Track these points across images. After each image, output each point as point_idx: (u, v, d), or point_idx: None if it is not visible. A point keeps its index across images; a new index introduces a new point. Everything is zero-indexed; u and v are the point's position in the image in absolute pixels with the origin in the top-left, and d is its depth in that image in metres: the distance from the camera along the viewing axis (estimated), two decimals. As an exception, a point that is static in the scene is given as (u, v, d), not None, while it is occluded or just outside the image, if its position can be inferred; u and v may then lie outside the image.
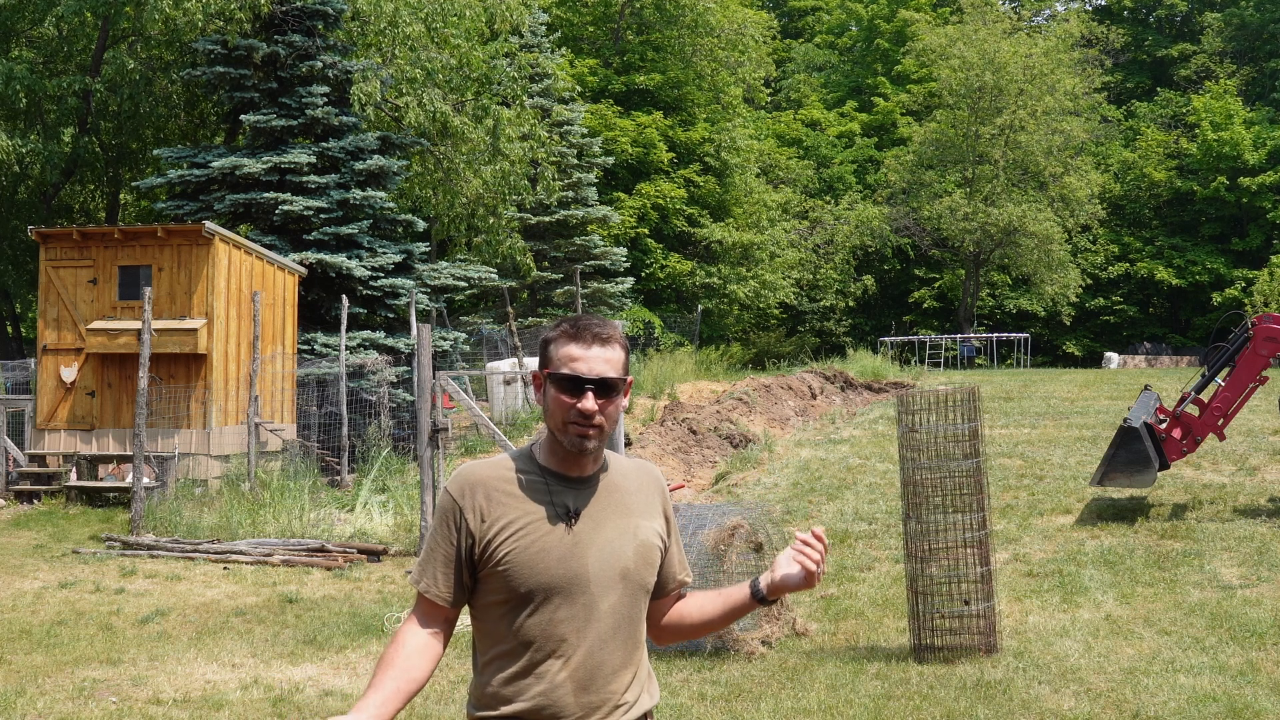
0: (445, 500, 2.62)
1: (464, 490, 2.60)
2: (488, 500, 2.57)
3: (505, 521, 2.55)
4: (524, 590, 2.53)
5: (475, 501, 2.58)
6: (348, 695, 7.06)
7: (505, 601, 2.55)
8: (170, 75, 23.30)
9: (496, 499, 2.57)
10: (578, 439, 2.56)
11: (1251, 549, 9.95)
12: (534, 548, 2.54)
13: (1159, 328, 47.47)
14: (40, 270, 16.58)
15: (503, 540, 2.54)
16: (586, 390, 2.54)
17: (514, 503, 2.57)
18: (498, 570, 2.54)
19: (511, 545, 2.54)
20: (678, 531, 2.80)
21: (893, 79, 50.69)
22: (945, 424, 7.51)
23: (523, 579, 2.53)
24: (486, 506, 2.57)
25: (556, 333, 2.63)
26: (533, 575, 2.53)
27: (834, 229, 44.20)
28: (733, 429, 17.14)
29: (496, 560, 2.54)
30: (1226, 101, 45.30)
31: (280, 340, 17.85)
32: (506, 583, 2.54)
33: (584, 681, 2.54)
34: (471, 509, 2.57)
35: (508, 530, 2.55)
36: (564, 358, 2.57)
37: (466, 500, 2.58)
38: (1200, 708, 6.28)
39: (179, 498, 14.03)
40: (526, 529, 2.55)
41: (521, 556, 2.53)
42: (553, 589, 2.54)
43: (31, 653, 8.21)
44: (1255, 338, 11.01)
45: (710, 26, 39.46)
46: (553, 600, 2.54)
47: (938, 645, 7.40)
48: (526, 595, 2.54)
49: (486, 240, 25.12)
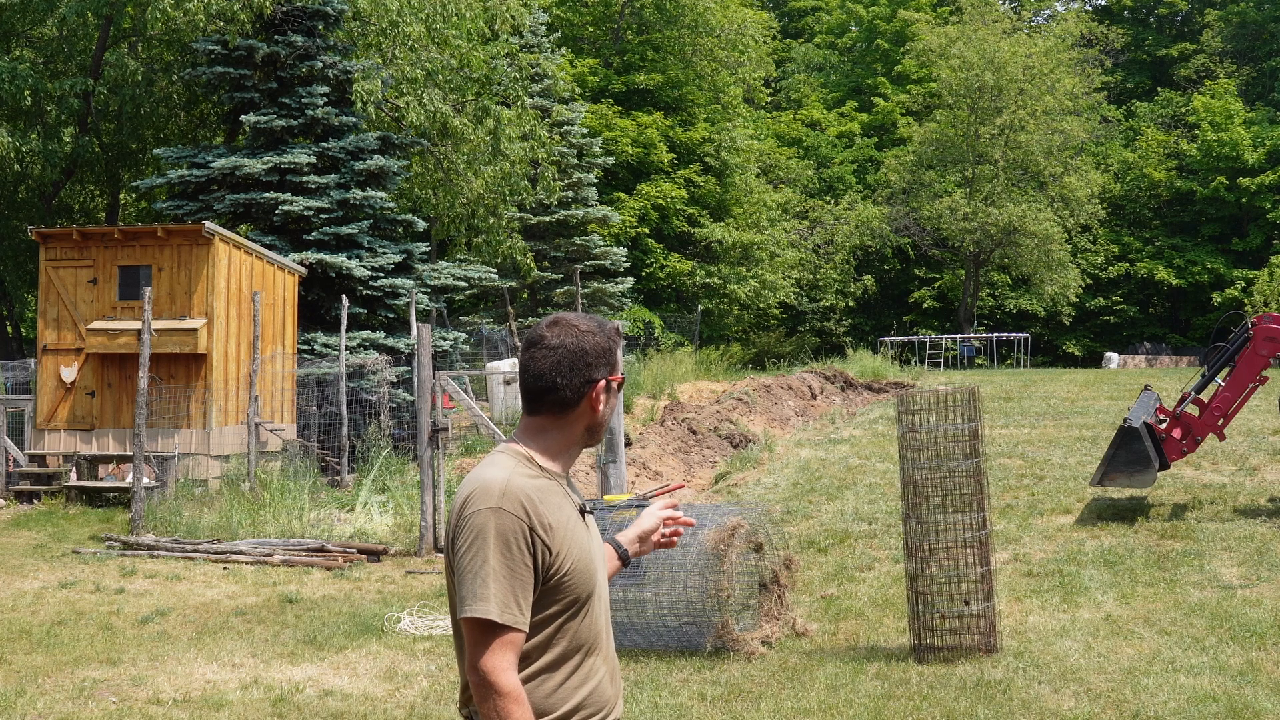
0: (509, 522, 2.44)
1: (524, 507, 2.47)
2: (542, 512, 2.49)
3: (564, 532, 2.51)
4: (583, 595, 2.52)
5: (540, 518, 2.48)
6: (348, 695, 7.06)
7: (564, 610, 2.51)
8: (171, 75, 23.30)
9: (548, 509, 2.50)
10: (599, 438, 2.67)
11: (1251, 549, 9.95)
12: (584, 553, 2.55)
13: (1159, 328, 47.46)
14: (40, 270, 16.58)
15: (565, 550, 2.50)
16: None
17: (557, 510, 2.52)
18: (563, 581, 2.49)
19: (572, 554, 2.51)
20: None
21: (893, 79, 50.67)
22: (945, 424, 7.51)
23: (582, 584, 2.52)
24: (546, 519, 2.49)
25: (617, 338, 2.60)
26: (588, 579, 2.54)
27: (834, 229, 44.18)
28: (733, 429, 17.14)
29: (563, 571, 2.49)
30: (1226, 101, 45.28)
31: (280, 340, 17.85)
32: (569, 591, 2.50)
33: (613, 671, 2.61)
34: (541, 526, 2.48)
35: (566, 540, 2.51)
36: (618, 364, 2.60)
37: (533, 518, 2.47)
38: (1200, 708, 6.28)
39: (179, 498, 14.03)
40: (574, 535, 2.53)
41: (579, 563, 2.52)
42: (596, 588, 2.57)
43: (31, 653, 8.21)
44: (1255, 338, 11.01)
45: (710, 26, 39.45)
46: (593, 600, 2.56)
47: (938, 645, 7.40)
48: (583, 599, 2.53)
49: (486, 240, 25.11)
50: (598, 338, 2.56)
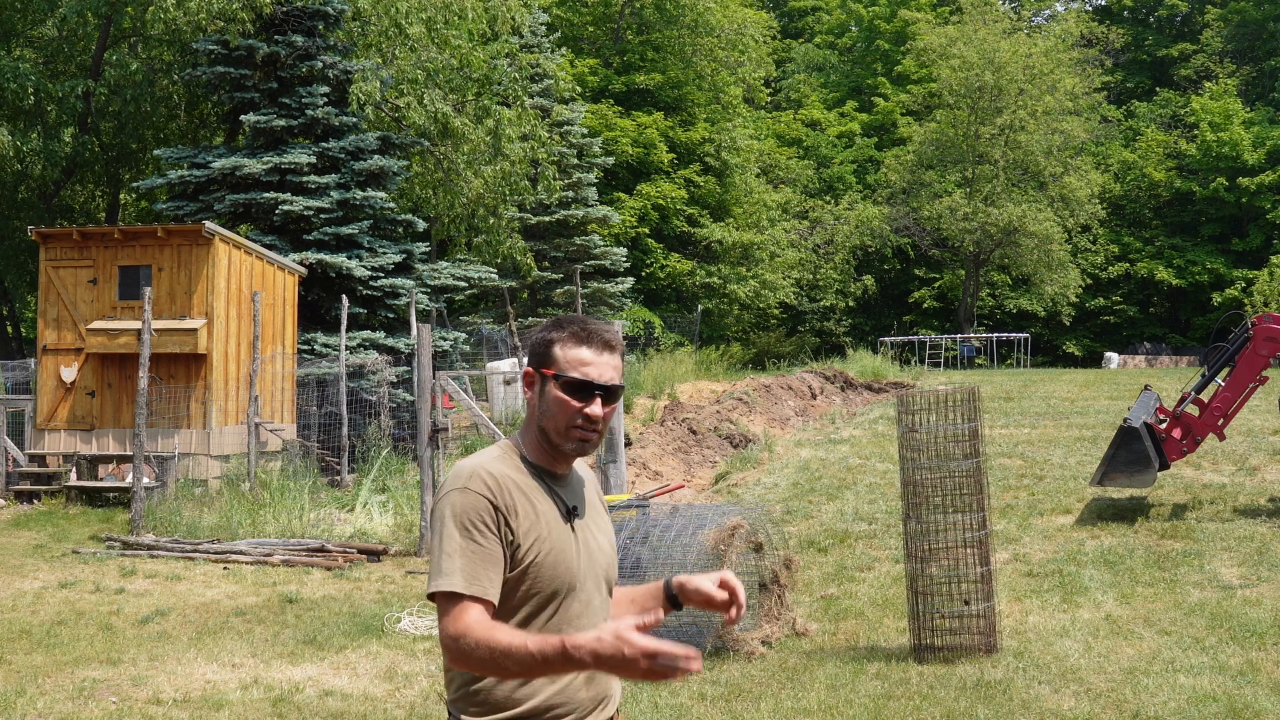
0: (476, 500, 2.48)
1: (494, 488, 2.50)
2: (513, 499, 2.52)
3: (530, 522, 2.53)
4: (548, 591, 2.53)
5: (508, 500, 2.51)
6: (348, 695, 7.06)
7: (526, 603, 2.53)
8: (171, 75, 23.31)
9: (519, 498, 2.53)
10: (580, 442, 2.58)
11: (1251, 549, 9.95)
12: (556, 549, 2.55)
13: (1159, 328, 47.46)
14: (40, 270, 16.59)
15: (531, 541, 2.52)
16: (596, 396, 2.56)
17: (530, 502, 2.55)
18: (528, 571, 2.51)
19: (539, 546, 2.52)
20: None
21: (893, 79, 50.68)
22: (945, 424, 7.51)
23: (547, 580, 2.53)
24: (514, 505, 2.51)
25: (564, 334, 2.59)
26: (555, 576, 2.54)
27: (834, 229, 44.19)
28: (733, 429, 17.14)
29: (527, 562, 2.51)
30: (1226, 102, 45.30)
31: (280, 340, 17.85)
32: (532, 584, 2.52)
33: (590, 675, 2.57)
34: (508, 508, 2.50)
35: (534, 531, 2.53)
36: (574, 361, 2.57)
37: (500, 499, 2.50)
38: (1200, 708, 6.28)
39: (179, 498, 14.03)
40: (546, 529, 2.54)
41: (547, 558, 2.53)
42: (566, 588, 2.56)
43: (31, 653, 8.21)
44: (1255, 338, 11.01)
45: (710, 26, 39.47)
46: (565, 599, 2.56)
47: (938, 645, 7.40)
48: (549, 596, 2.53)
49: (487, 240, 25.11)
50: (544, 333, 2.64)
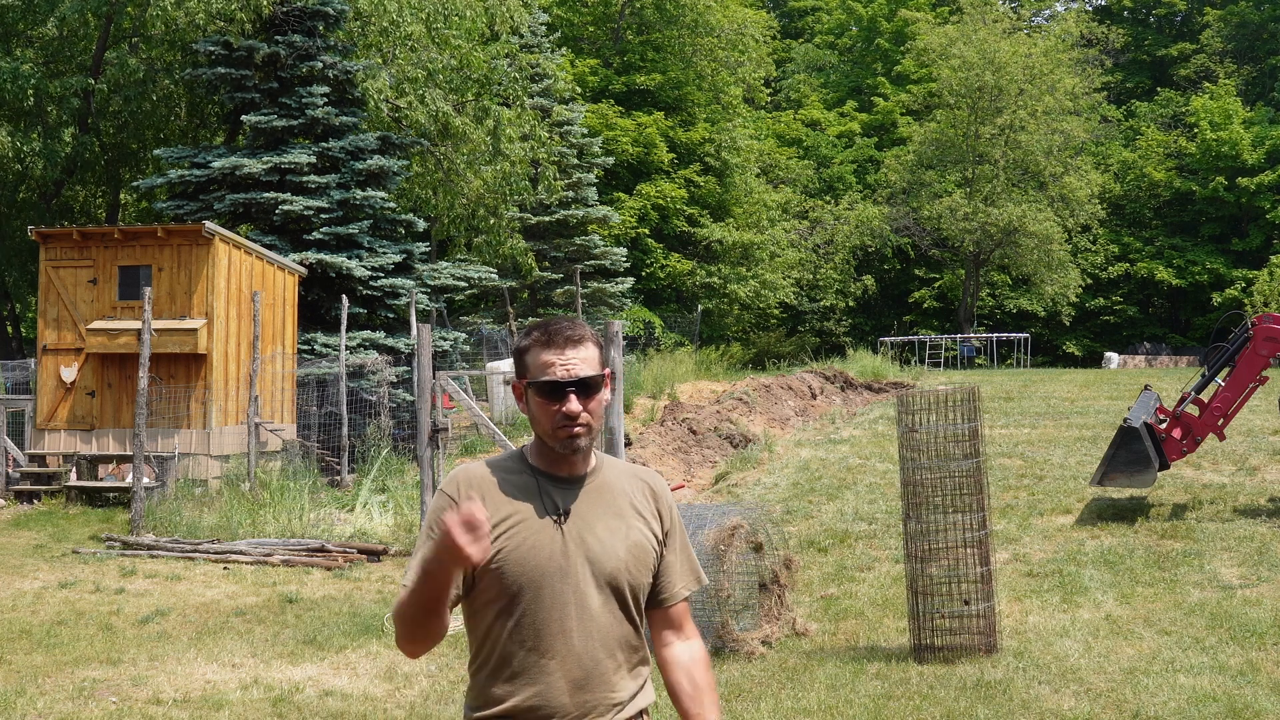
0: (442, 500, 2.61)
1: (460, 489, 2.61)
2: (483, 493, 2.59)
3: (498, 519, 2.57)
4: (517, 588, 2.55)
5: (472, 495, 2.58)
6: (348, 695, 7.07)
7: (499, 600, 2.57)
8: (171, 75, 23.30)
9: (491, 497, 2.59)
10: (569, 440, 2.60)
11: (1251, 549, 9.95)
12: (525, 545, 2.56)
13: (1159, 328, 47.46)
14: (40, 270, 16.58)
15: (496, 538, 2.55)
16: (569, 394, 2.59)
17: (506, 501, 2.59)
18: (491, 569, 2.55)
19: (504, 543, 2.56)
20: (685, 543, 2.78)
21: (893, 79, 50.69)
22: (945, 424, 7.51)
23: (515, 577, 2.55)
24: (482, 498, 2.58)
25: (529, 341, 2.65)
26: (524, 573, 2.55)
27: (834, 229, 44.20)
28: (733, 429, 17.14)
29: (491, 559, 2.54)
30: (1225, 102, 45.30)
31: (280, 340, 17.85)
32: (500, 581, 2.55)
33: (579, 680, 2.55)
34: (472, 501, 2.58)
35: (501, 528, 2.56)
36: (541, 365, 2.61)
37: (462, 494, 2.59)
38: (1200, 708, 6.28)
39: (179, 498, 14.03)
40: (518, 527, 2.57)
41: (514, 555, 2.55)
42: (544, 587, 2.56)
43: (31, 653, 8.21)
44: (1255, 338, 11.01)
45: (710, 26, 39.47)
46: (544, 598, 2.55)
47: (938, 645, 7.40)
48: (519, 593, 2.55)
49: (487, 240, 25.12)
50: (517, 343, 2.70)
